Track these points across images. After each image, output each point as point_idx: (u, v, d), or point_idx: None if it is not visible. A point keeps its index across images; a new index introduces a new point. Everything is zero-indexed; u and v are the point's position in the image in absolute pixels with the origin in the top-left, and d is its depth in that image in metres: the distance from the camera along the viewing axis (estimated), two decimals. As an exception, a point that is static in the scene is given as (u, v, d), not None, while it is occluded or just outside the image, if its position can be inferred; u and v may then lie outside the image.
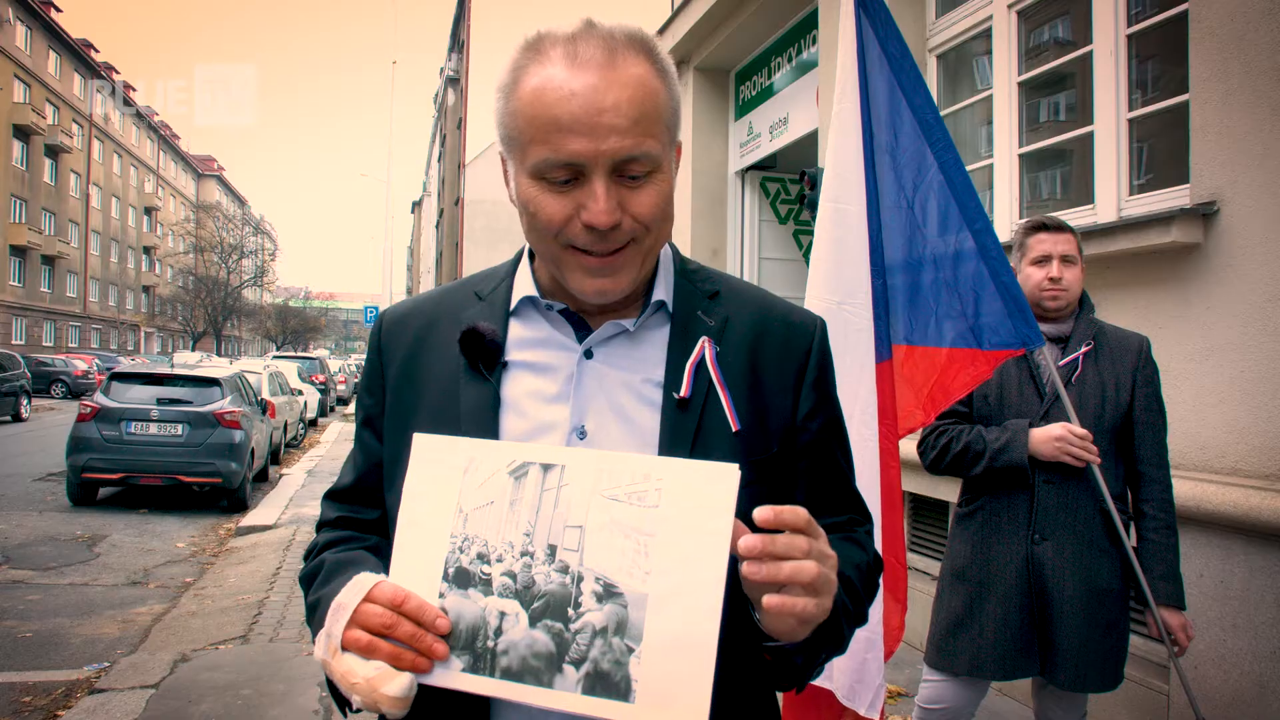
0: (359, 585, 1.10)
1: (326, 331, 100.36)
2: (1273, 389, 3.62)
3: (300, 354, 38.15)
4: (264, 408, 14.21)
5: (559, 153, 1.12)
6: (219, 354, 58.76)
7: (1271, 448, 3.63)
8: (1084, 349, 2.96)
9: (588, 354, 1.26)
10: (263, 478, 13.95)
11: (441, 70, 56.49)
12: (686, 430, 1.22)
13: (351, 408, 31.61)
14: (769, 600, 1.01)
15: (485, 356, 1.26)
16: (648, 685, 1.00)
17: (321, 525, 1.40)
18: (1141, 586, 2.88)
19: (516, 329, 1.31)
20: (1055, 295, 2.97)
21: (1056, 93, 5.64)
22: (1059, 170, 5.76)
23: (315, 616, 1.20)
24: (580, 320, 1.29)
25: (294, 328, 74.57)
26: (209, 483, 11.47)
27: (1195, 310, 3.95)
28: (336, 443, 19.86)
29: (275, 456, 15.69)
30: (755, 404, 1.27)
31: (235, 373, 13.77)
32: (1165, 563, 2.90)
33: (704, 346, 1.26)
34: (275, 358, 30.26)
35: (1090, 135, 4.77)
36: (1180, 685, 2.99)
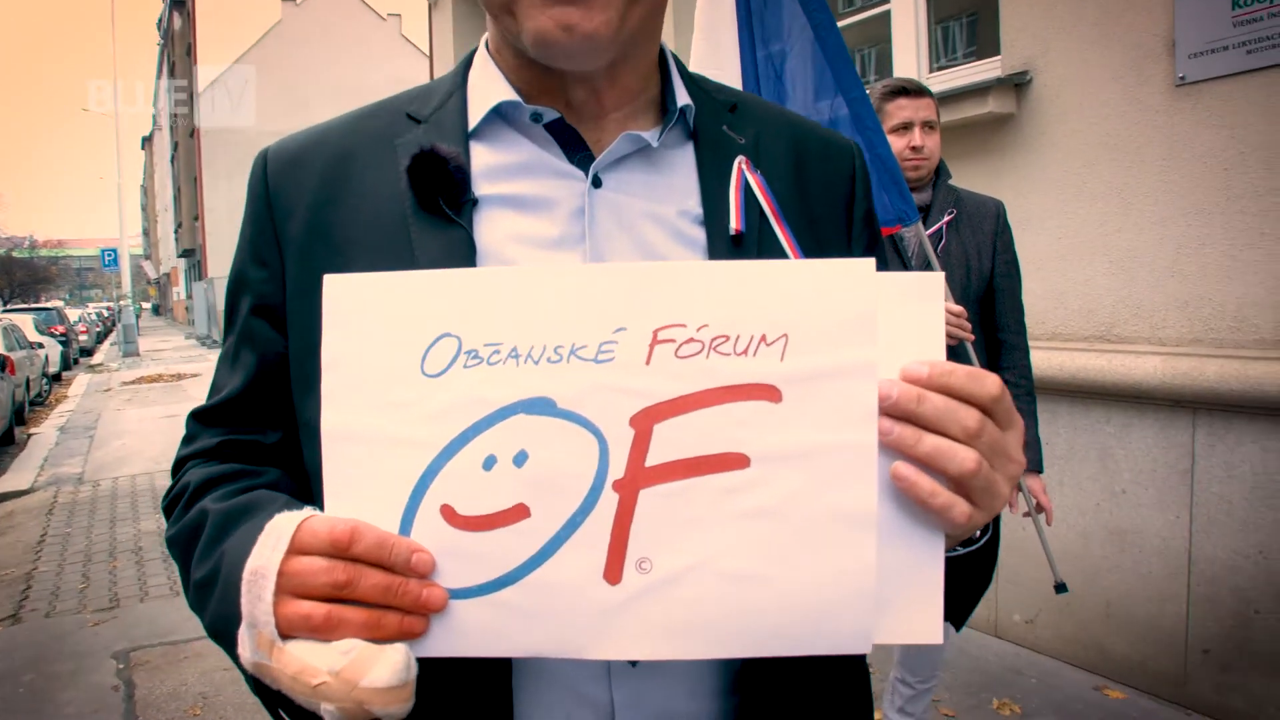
0: (276, 534, 0.73)
1: (59, 281, 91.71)
2: (1089, 254, 3.74)
3: (34, 305, 34.76)
4: (1, 364, 12.72)
5: None
6: (-68, 312, 52.52)
7: (1089, 310, 3.76)
8: (946, 218, 2.87)
9: (595, 181, 0.93)
10: (8, 440, 12.51)
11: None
12: None
13: (98, 358, 28.94)
14: (895, 468, 0.74)
15: (448, 190, 0.90)
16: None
17: (186, 459, 0.99)
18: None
19: (483, 154, 0.95)
20: (917, 165, 2.84)
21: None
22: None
23: (210, 599, 0.82)
24: (574, 136, 0.94)
25: (21, 280, 67.49)
26: (-58, 452, 10.12)
27: (1010, 180, 4.02)
28: (87, 395, 18.11)
29: (20, 416, 14.16)
30: (812, 244, 0.98)
31: (-39, 328, 12.19)
32: (1026, 429, 2.90)
33: (743, 168, 0.96)
34: (7, 311, 27.53)
35: (887, 13, 4.77)
36: (1041, 551, 3.05)
